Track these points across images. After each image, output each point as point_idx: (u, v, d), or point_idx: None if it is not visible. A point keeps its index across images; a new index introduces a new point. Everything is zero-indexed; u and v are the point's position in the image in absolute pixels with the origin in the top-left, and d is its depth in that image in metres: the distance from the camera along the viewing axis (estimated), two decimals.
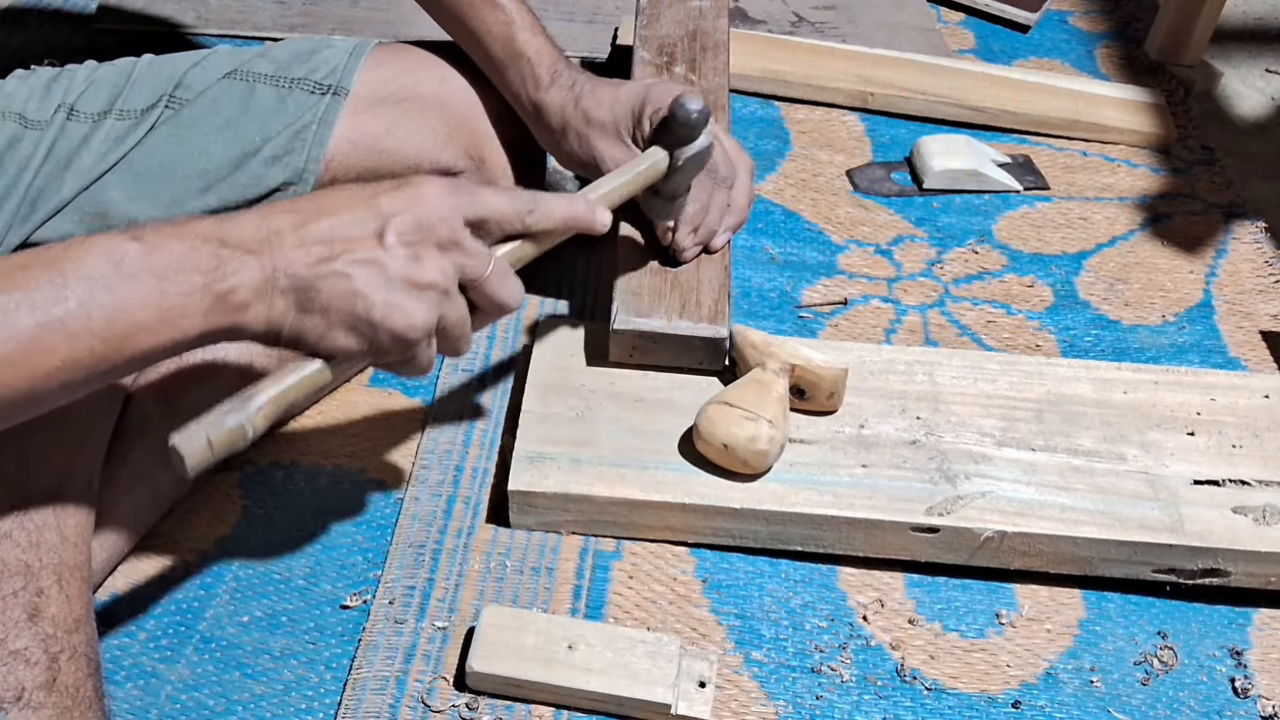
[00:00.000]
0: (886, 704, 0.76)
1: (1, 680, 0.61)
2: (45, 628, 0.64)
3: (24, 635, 0.63)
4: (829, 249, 1.12)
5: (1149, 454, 0.87)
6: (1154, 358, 1.03)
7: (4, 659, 0.62)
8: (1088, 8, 1.54)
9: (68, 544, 0.68)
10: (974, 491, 0.83)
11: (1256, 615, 0.83)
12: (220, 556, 0.82)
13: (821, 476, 0.83)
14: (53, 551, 0.67)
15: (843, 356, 0.93)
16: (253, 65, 0.88)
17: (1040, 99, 1.30)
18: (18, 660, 0.62)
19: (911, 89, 1.30)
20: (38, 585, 0.65)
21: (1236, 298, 1.10)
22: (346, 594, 0.81)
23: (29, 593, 0.65)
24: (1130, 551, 0.81)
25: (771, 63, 1.32)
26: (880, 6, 1.48)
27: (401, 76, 0.91)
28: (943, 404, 0.90)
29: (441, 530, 0.84)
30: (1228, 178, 1.25)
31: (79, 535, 0.69)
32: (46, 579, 0.66)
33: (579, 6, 1.44)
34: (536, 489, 0.82)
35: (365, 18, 1.37)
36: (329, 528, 0.84)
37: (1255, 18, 1.61)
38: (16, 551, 0.65)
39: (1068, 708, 0.77)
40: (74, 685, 0.64)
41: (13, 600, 0.64)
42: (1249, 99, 1.43)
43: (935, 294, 1.08)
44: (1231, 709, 0.77)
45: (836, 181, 1.21)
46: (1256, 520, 0.82)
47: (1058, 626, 0.82)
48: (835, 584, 0.83)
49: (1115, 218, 1.19)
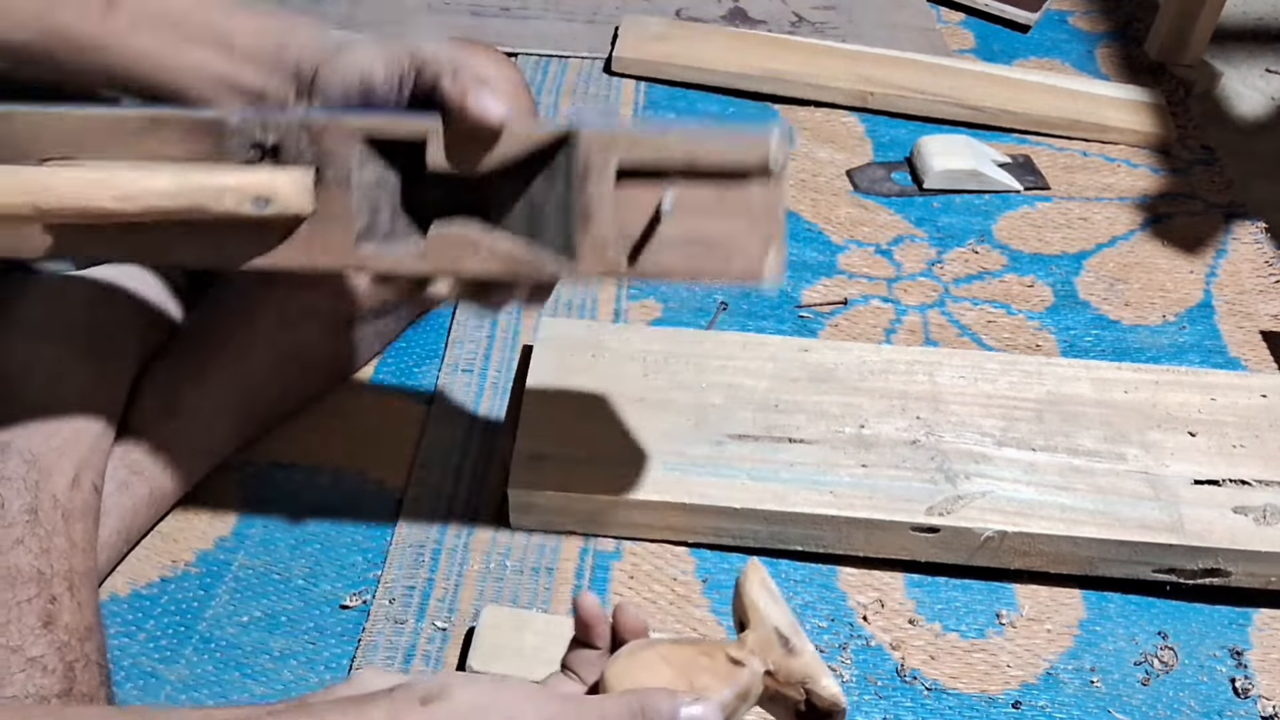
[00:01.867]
0: (886, 704, 0.76)
1: (21, 688, 0.61)
2: (60, 635, 0.64)
3: (40, 643, 0.63)
4: (829, 249, 1.12)
5: (1149, 454, 0.86)
6: (1154, 358, 1.03)
7: (23, 666, 0.62)
8: (1088, 8, 1.54)
9: (76, 550, 0.67)
10: (974, 491, 0.83)
11: (1257, 615, 0.83)
12: (220, 556, 0.82)
13: (821, 476, 0.83)
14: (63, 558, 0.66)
15: (843, 356, 0.93)
16: None
17: (1040, 99, 1.30)
18: (35, 667, 0.62)
19: (911, 89, 1.30)
20: (50, 592, 0.64)
21: (1237, 298, 1.10)
22: (346, 594, 0.81)
23: (43, 599, 0.64)
24: (1130, 551, 0.81)
25: (771, 62, 1.32)
26: (880, 6, 1.48)
27: None
28: (943, 404, 0.90)
29: (441, 530, 0.84)
30: (1228, 178, 1.25)
31: (86, 541, 0.69)
32: (59, 586, 0.65)
33: (579, 6, 1.44)
34: (536, 489, 0.82)
35: (365, 18, 1.37)
36: (329, 528, 0.84)
37: (1255, 18, 1.61)
38: (29, 558, 0.65)
39: (1068, 708, 0.77)
40: (89, 694, 0.64)
41: (28, 607, 0.63)
42: (1249, 99, 1.43)
43: (935, 294, 1.08)
44: (1232, 709, 0.77)
45: (836, 181, 1.21)
46: (1257, 520, 0.82)
47: (1058, 626, 0.82)
48: (835, 584, 0.83)
49: (1115, 218, 1.19)
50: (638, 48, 1.33)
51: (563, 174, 0.62)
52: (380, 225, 0.64)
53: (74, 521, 0.68)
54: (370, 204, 0.63)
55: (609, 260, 0.63)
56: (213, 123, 0.62)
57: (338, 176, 0.62)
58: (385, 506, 0.86)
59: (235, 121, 0.62)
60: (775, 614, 0.55)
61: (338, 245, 0.63)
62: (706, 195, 0.61)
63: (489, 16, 1.40)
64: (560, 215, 0.63)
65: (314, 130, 0.62)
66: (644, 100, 1.30)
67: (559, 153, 0.62)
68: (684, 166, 0.61)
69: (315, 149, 0.62)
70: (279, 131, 0.62)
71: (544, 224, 0.63)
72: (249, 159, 0.62)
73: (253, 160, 0.62)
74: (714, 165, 0.61)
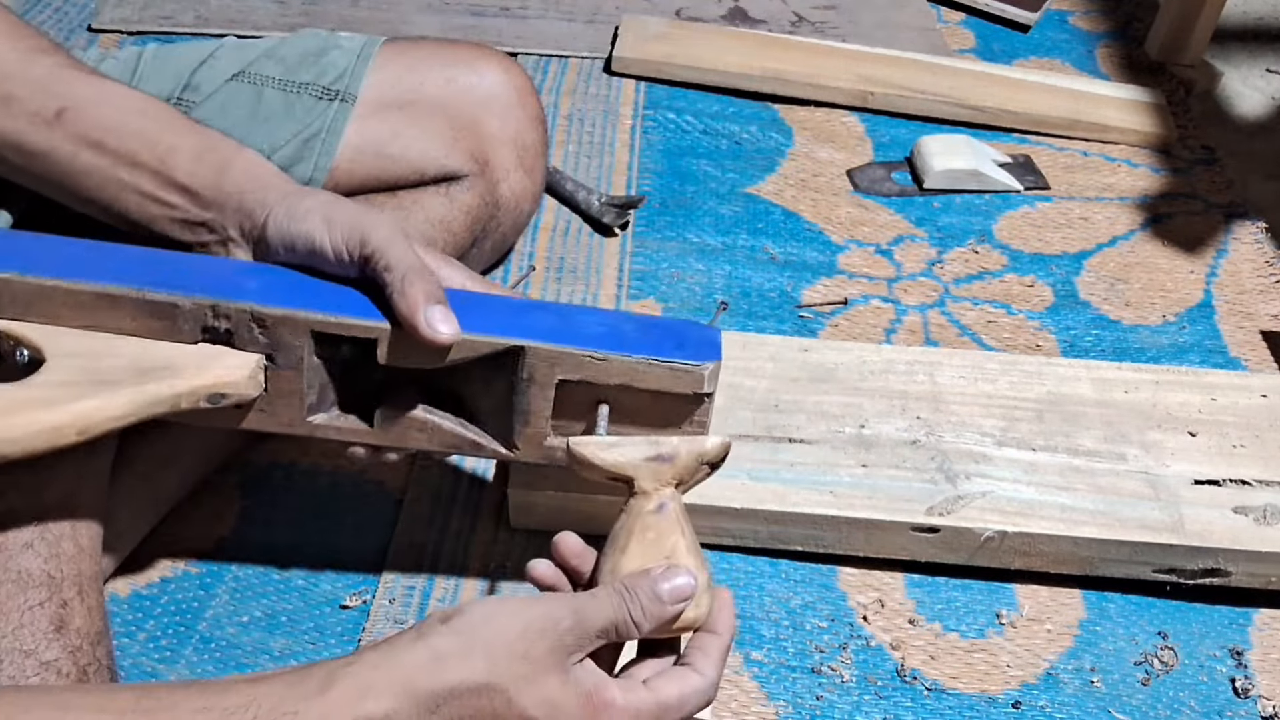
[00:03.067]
0: (886, 704, 0.76)
1: None
2: (72, 639, 0.63)
3: (54, 647, 0.63)
4: (829, 249, 1.12)
5: (1149, 454, 0.86)
6: (1154, 358, 1.03)
7: (38, 670, 0.61)
8: (1088, 8, 1.54)
9: (84, 554, 0.67)
10: (974, 491, 0.83)
11: (1257, 615, 0.83)
12: (220, 556, 0.82)
13: (821, 476, 0.83)
14: (71, 562, 0.66)
15: (843, 356, 0.93)
16: (260, 67, 0.88)
17: (1040, 99, 1.30)
18: (50, 672, 0.62)
19: (912, 88, 1.30)
20: (61, 597, 0.64)
21: (1237, 298, 1.10)
22: (346, 594, 0.81)
23: (54, 604, 0.64)
24: (1131, 551, 0.81)
25: (771, 62, 1.32)
26: (880, 6, 1.48)
27: (407, 78, 0.91)
28: (943, 404, 0.90)
29: (441, 530, 0.84)
30: (1228, 177, 1.25)
31: (93, 545, 0.68)
32: (69, 590, 0.65)
33: (579, 6, 1.44)
34: (536, 489, 0.82)
35: (365, 18, 1.37)
36: (329, 528, 0.84)
37: (1255, 18, 1.61)
38: (39, 562, 0.64)
39: (1068, 708, 0.77)
40: None
41: (40, 611, 0.63)
42: (1249, 99, 1.43)
43: (935, 294, 1.08)
44: (1232, 709, 0.77)
45: (837, 181, 1.21)
46: (1257, 520, 0.82)
47: (1058, 627, 0.82)
48: (835, 584, 0.83)
49: (1116, 218, 1.19)
50: (638, 47, 1.33)
51: (508, 376, 0.66)
52: (330, 397, 0.68)
53: (80, 525, 0.68)
54: (320, 381, 0.66)
55: (545, 451, 0.68)
56: (166, 304, 0.63)
57: (289, 360, 0.65)
58: (385, 506, 0.86)
59: (188, 306, 0.63)
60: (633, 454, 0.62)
61: (289, 416, 0.66)
62: (640, 408, 0.67)
63: (489, 16, 1.40)
64: (504, 410, 0.67)
65: (265, 321, 0.63)
66: (644, 100, 1.30)
67: (505, 358, 0.66)
68: (621, 385, 0.66)
69: (267, 336, 0.64)
70: (230, 319, 0.63)
71: (486, 413, 0.68)
72: (199, 339, 0.64)
73: (204, 340, 0.64)
74: (650, 388, 0.66)
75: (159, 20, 1.34)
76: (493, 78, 0.93)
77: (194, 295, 0.63)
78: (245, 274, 0.66)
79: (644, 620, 0.56)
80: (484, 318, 0.66)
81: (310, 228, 0.65)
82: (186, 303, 0.63)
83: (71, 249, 0.66)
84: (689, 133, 1.26)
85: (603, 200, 1.13)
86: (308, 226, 0.65)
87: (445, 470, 0.88)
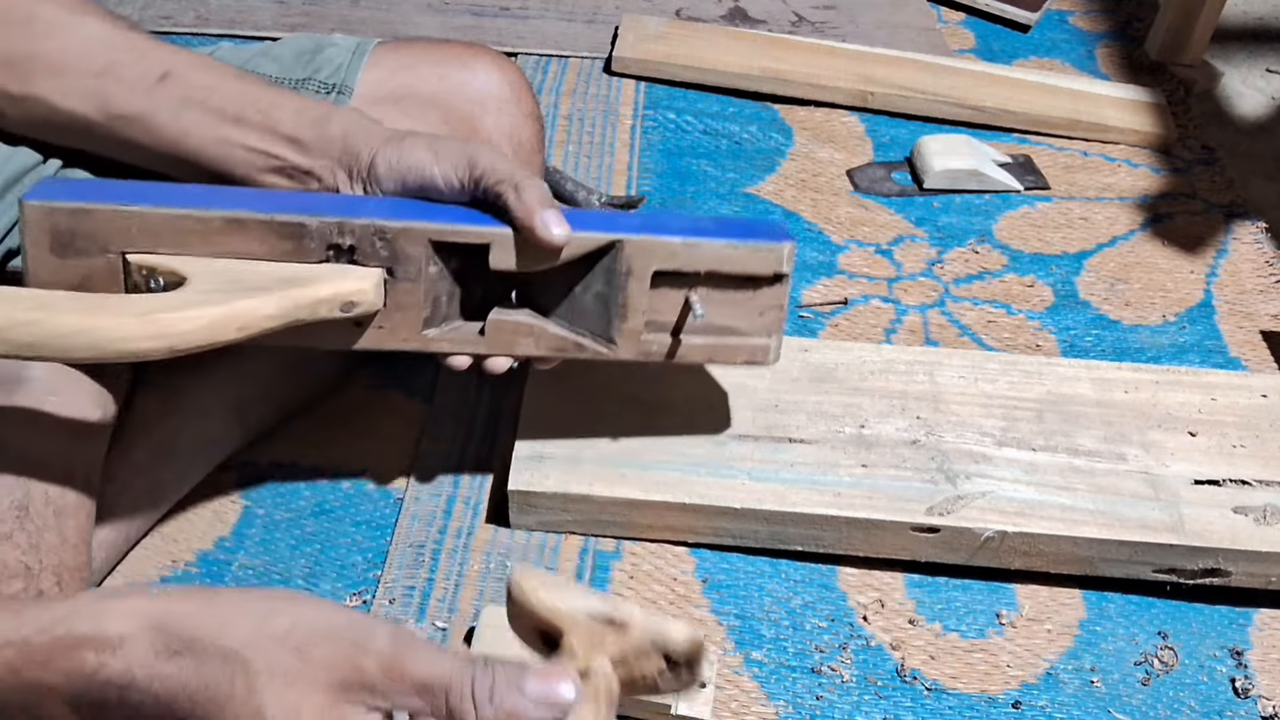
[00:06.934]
0: (886, 704, 0.76)
1: None
2: None
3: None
4: (829, 249, 1.12)
5: (1149, 454, 0.86)
6: (1154, 358, 1.03)
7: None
8: (1088, 7, 1.54)
9: (67, 545, 0.68)
10: (974, 491, 0.83)
11: (1257, 615, 0.83)
12: (220, 556, 0.82)
13: (821, 476, 0.83)
14: (53, 553, 0.66)
15: (843, 356, 0.93)
16: (257, 65, 0.88)
17: (1040, 99, 1.30)
18: None
19: (912, 88, 1.30)
20: (38, 586, 0.65)
21: (1237, 298, 1.10)
22: (346, 594, 0.81)
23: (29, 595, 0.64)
24: (1131, 551, 0.81)
25: (771, 62, 1.32)
26: (880, 6, 1.48)
27: (400, 74, 0.91)
28: (943, 404, 0.90)
29: (441, 530, 0.84)
30: (1228, 178, 1.25)
31: (79, 537, 0.69)
32: (47, 581, 0.65)
33: (579, 6, 1.44)
34: (536, 489, 0.82)
35: (365, 18, 1.37)
36: (329, 528, 0.84)
37: (1255, 18, 1.61)
38: (16, 553, 0.65)
39: (1068, 708, 0.77)
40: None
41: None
42: (1249, 99, 1.43)
43: (935, 294, 1.08)
44: (1232, 709, 0.77)
45: (836, 181, 1.21)
46: (1257, 520, 0.82)
47: (1058, 627, 0.82)
48: (835, 584, 0.83)
49: (1116, 218, 1.19)
50: (638, 47, 1.33)
51: (606, 273, 0.72)
52: (443, 311, 0.72)
53: (66, 518, 0.68)
54: (435, 294, 0.71)
55: (643, 347, 0.74)
56: (294, 225, 0.67)
57: (408, 273, 0.69)
58: (385, 506, 0.86)
59: (315, 225, 0.67)
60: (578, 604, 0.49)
61: (406, 331, 0.71)
62: (726, 294, 0.74)
63: (489, 16, 1.40)
64: (602, 307, 0.73)
65: (387, 234, 0.68)
66: (644, 100, 1.30)
67: (604, 256, 0.72)
68: (709, 272, 0.72)
69: (388, 250, 0.69)
70: (354, 235, 0.68)
71: (587, 313, 0.74)
72: (325, 258, 0.68)
73: (329, 259, 0.68)
74: (735, 273, 0.73)
75: (159, 20, 1.34)
76: (486, 75, 0.93)
77: (321, 214, 0.67)
78: (361, 201, 0.71)
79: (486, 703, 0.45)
80: (583, 221, 0.71)
81: (419, 159, 0.70)
82: (314, 222, 0.67)
83: (190, 189, 0.70)
84: (689, 133, 1.26)
85: (603, 200, 1.13)
86: (416, 158, 0.70)
87: (445, 470, 0.88)
